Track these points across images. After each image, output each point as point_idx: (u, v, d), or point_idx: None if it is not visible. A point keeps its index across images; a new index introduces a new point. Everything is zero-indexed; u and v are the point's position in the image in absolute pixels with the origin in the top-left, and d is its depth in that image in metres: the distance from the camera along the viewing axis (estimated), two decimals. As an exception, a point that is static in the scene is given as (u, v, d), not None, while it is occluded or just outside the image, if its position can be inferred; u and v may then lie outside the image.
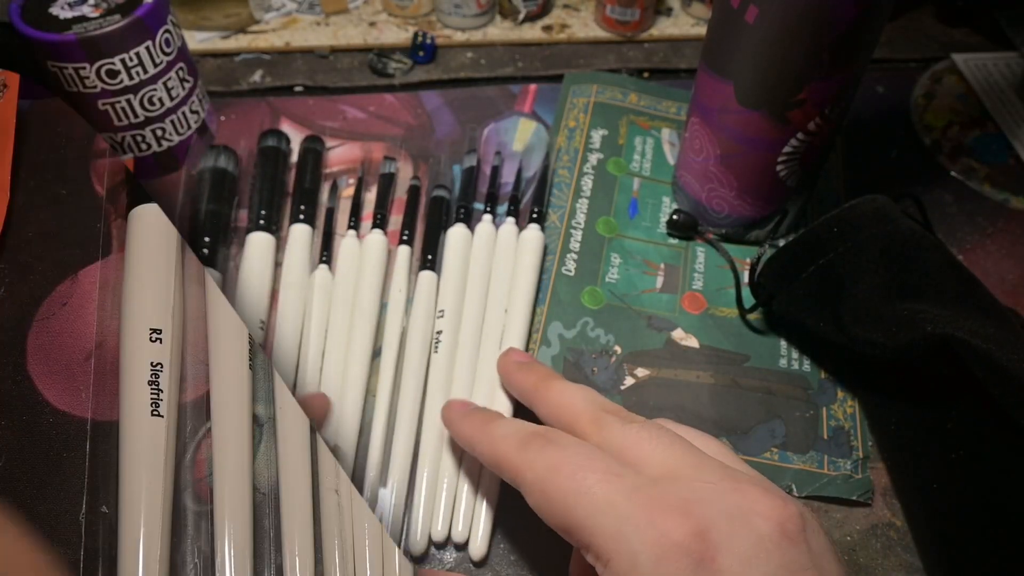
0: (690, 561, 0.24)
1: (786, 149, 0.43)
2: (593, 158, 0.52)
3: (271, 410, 0.37)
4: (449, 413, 0.36)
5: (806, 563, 0.24)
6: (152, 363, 0.36)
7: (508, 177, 0.52)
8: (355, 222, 0.48)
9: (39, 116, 0.42)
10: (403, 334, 0.43)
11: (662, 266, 0.47)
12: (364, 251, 0.46)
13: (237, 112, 0.55)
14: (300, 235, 0.46)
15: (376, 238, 0.46)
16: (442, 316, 0.43)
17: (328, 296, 0.44)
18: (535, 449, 0.28)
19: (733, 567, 0.24)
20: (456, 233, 0.47)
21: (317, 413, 0.37)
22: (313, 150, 0.52)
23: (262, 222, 0.47)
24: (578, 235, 0.48)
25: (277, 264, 0.46)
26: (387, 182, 0.50)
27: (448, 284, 0.45)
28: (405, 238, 0.47)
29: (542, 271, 0.47)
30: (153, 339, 0.36)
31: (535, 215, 0.48)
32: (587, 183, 0.51)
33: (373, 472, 0.38)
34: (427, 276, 0.45)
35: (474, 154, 0.51)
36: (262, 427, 0.37)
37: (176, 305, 0.37)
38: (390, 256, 0.47)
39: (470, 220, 0.47)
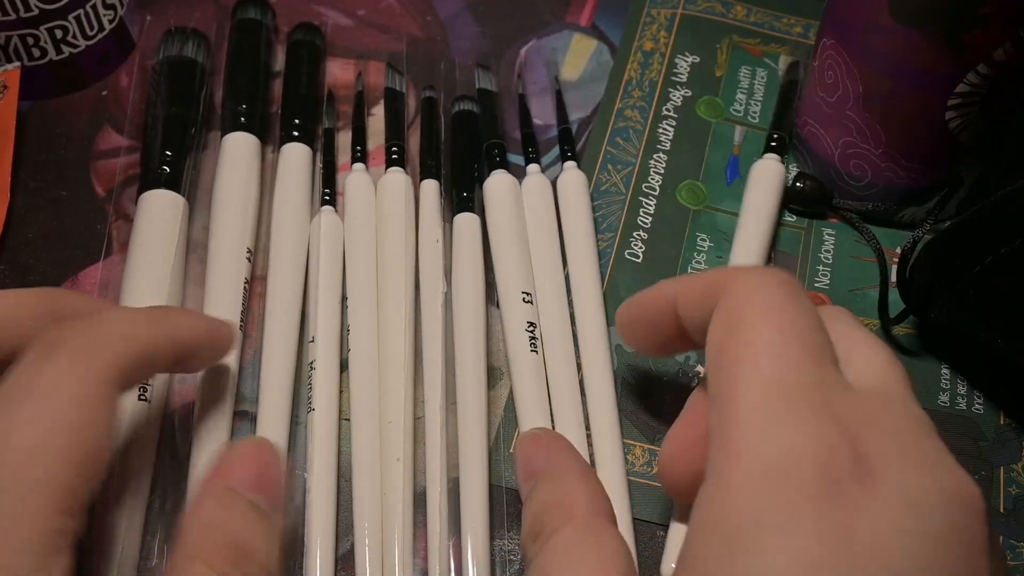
0: (840, 465, 0.26)
1: (960, 88, 0.41)
2: (677, 95, 0.51)
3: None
4: None
5: (985, 545, 0.25)
6: None
7: (543, 116, 0.50)
8: (361, 153, 0.47)
9: (39, 117, 0.49)
10: (447, 314, 0.43)
11: (773, 254, 0.46)
12: (384, 196, 0.45)
13: (169, 11, 0.53)
14: (296, 159, 0.45)
15: (398, 178, 0.45)
16: (529, 301, 0.43)
17: (338, 249, 0.44)
18: (759, 272, 0.31)
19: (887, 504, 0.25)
20: (499, 183, 0.45)
21: None
22: (309, 43, 0.50)
23: (243, 119, 0.46)
24: (650, 205, 0.47)
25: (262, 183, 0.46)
26: (396, 101, 0.49)
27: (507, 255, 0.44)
28: (432, 167, 0.46)
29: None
30: None
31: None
32: (666, 131, 0.50)
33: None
34: (467, 220, 0.45)
35: (486, 73, 0.50)
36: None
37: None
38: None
39: (506, 163, 0.46)
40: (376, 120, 0.50)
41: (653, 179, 0.47)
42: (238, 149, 0.45)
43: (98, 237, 0.45)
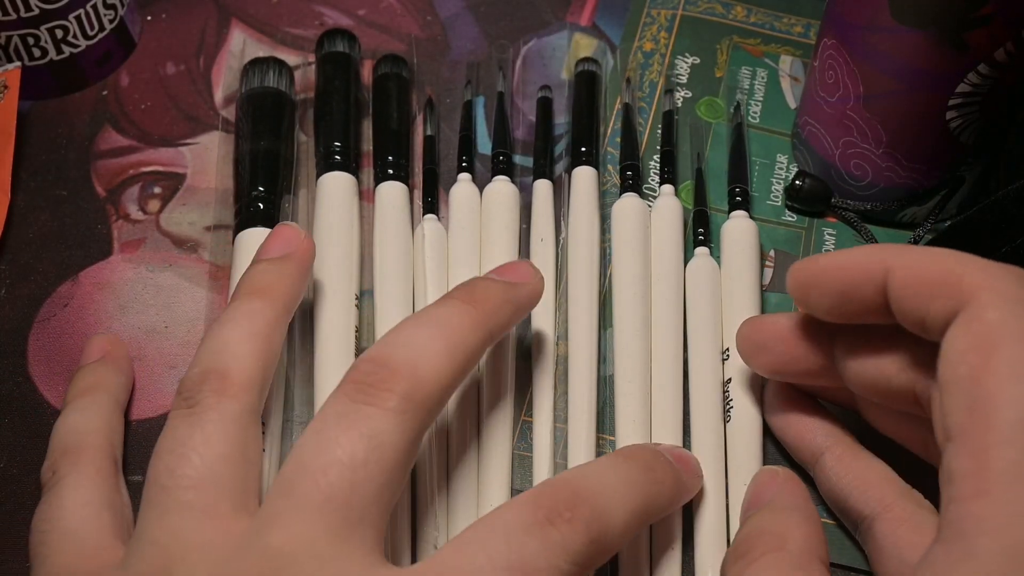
0: None
1: (961, 88, 0.41)
2: (677, 96, 0.51)
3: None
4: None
5: None
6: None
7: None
8: (467, 163, 0.47)
9: (40, 117, 0.49)
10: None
11: (772, 254, 0.46)
12: (490, 206, 0.45)
13: (169, 11, 0.54)
14: (393, 197, 0.45)
15: (504, 188, 0.45)
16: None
17: (442, 259, 0.44)
18: (1011, 281, 0.27)
19: None
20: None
21: None
22: (397, 76, 0.49)
23: (337, 157, 0.45)
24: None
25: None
26: (504, 106, 0.49)
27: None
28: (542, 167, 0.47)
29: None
30: None
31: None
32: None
33: None
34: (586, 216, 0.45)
35: (628, 87, 0.50)
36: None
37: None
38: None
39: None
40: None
41: (653, 180, 0.47)
42: (335, 190, 0.44)
43: (98, 237, 0.45)
